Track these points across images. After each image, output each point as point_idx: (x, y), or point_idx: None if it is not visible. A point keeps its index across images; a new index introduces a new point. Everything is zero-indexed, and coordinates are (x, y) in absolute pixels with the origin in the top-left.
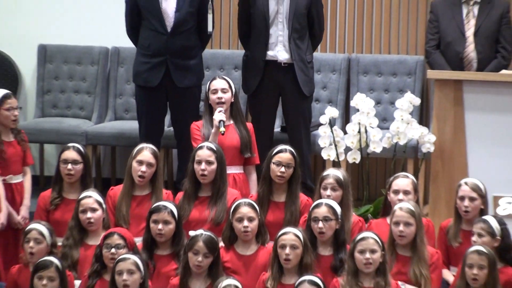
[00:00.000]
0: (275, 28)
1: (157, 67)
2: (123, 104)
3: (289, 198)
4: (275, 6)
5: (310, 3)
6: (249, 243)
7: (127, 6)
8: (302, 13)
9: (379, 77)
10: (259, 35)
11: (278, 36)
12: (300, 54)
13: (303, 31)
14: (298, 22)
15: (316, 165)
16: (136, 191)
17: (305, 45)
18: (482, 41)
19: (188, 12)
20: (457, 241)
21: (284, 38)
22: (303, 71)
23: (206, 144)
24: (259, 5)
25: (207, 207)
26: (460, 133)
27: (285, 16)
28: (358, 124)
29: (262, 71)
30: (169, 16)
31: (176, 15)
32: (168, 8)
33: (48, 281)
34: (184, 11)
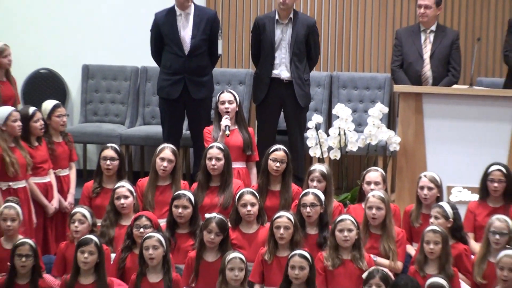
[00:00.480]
0: (280, 52)
1: (177, 83)
2: (150, 112)
3: (283, 188)
4: (280, 34)
5: (308, 34)
6: (251, 224)
7: (152, 34)
8: (301, 41)
9: (355, 91)
10: (267, 57)
11: (282, 58)
12: (299, 73)
13: (302, 55)
14: (298, 48)
15: (305, 161)
16: (159, 182)
17: (303, 66)
18: (436, 62)
19: (201, 39)
20: (418, 222)
21: (286, 60)
22: (300, 87)
23: (215, 144)
24: (267, 33)
25: (217, 194)
26: (420, 136)
27: (288, 43)
28: (339, 128)
29: (268, 86)
30: (186, 42)
31: (192, 41)
32: (186, 36)
33: (89, 255)
34: (198, 38)
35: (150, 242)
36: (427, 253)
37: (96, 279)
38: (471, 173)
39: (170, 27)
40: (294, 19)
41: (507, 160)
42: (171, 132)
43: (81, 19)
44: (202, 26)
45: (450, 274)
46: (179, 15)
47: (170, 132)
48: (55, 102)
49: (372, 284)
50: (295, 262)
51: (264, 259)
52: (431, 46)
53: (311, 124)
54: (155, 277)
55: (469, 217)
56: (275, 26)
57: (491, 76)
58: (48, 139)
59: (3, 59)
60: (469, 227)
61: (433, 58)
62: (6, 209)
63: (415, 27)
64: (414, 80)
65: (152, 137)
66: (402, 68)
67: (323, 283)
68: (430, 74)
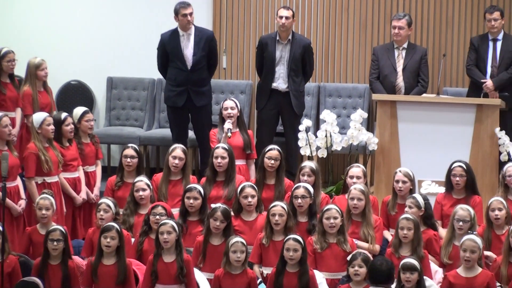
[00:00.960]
0: (279, 67)
1: (181, 93)
2: (165, 117)
3: (277, 182)
4: (280, 52)
5: (304, 53)
6: (251, 213)
7: (159, 52)
8: (298, 58)
9: (339, 99)
10: (268, 71)
11: (281, 73)
12: (295, 86)
13: (298, 71)
14: (295, 65)
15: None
16: (171, 177)
17: (299, 79)
18: (408, 74)
19: (201, 55)
20: (394, 211)
21: (285, 75)
22: (296, 98)
23: (221, 145)
24: (269, 51)
25: (222, 188)
26: (395, 137)
27: (286, 60)
28: (325, 131)
29: (268, 95)
30: (189, 59)
31: (193, 58)
32: (188, 53)
33: (111, 240)
34: (199, 55)
35: (164, 228)
36: (401, 238)
37: (117, 260)
38: (438, 169)
39: (174, 46)
40: (292, 39)
41: (468, 157)
42: (179, 135)
43: (106, 37)
44: (201, 45)
45: (421, 256)
46: (182, 35)
47: (178, 135)
48: (84, 109)
49: (355, 264)
50: (290, 245)
51: (262, 243)
52: (403, 61)
53: (302, 127)
54: (169, 258)
55: (437, 207)
56: (276, 45)
57: (455, 86)
58: (78, 140)
59: (41, 72)
60: (437, 216)
61: (405, 71)
62: (41, 200)
63: (389, 44)
64: (389, 89)
65: (166, 139)
66: (378, 80)
67: (313, 263)
68: (402, 85)
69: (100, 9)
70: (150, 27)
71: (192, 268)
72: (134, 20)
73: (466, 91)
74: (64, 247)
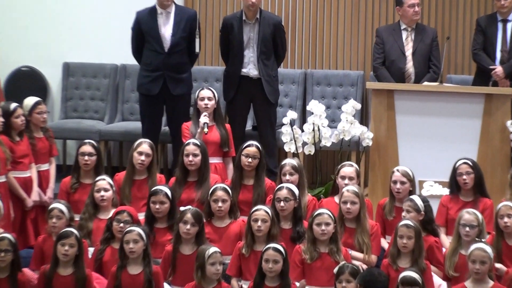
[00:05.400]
0: (248, 51)
1: (157, 80)
2: (128, 108)
3: (256, 182)
4: (248, 33)
5: (274, 32)
6: (223, 218)
7: (133, 32)
8: (268, 39)
9: (329, 88)
10: (236, 56)
11: (250, 57)
12: (267, 70)
13: (269, 53)
14: (265, 46)
15: (280, 156)
16: (136, 176)
17: (271, 63)
18: (418, 59)
19: (181, 36)
20: (391, 215)
21: (255, 59)
22: (269, 83)
23: (192, 140)
24: (235, 33)
25: (194, 189)
26: (392, 131)
27: (255, 42)
28: (313, 124)
29: (237, 83)
30: (166, 40)
31: (172, 39)
32: (166, 33)
33: (69, 247)
34: (178, 36)
35: (130, 236)
36: (400, 247)
37: (75, 270)
38: (442, 168)
39: (151, 25)
40: (261, 18)
41: (476, 155)
42: (150, 128)
43: (62, 18)
44: (182, 25)
45: (422, 268)
46: (160, 14)
47: (149, 128)
48: (36, 99)
49: (343, 280)
50: (269, 256)
51: (241, 252)
52: (413, 44)
53: (286, 120)
54: (135, 270)
55: (442, 211)
56: (243, 26)
57: (461, 73)
58: (29, 134)
59: None
60: (441, 221)
61: (415, 55)
62: None
63: (395, 25)
64: (397, 77)
65: (130, 133)
66: (384, 66)
67: (301, 275)
68: (412, 71)
69: None
70: (114, 4)
71: (161, 281)
72: None
73: (473, 79)
74: (12, 258)
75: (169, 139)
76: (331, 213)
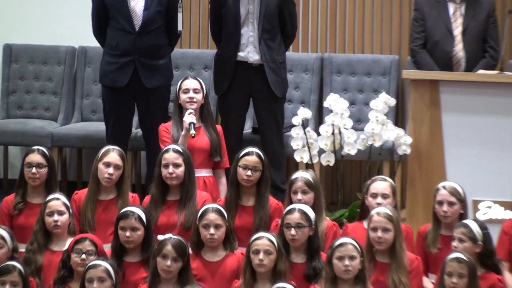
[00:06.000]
0: (246, 29)
1: (125, 67)
2: (90, 105)
3: (258, 202)
4: (246, 6)
5: (281, 3)
6: (216, 250)
7: (94, 4)
8: (273, 13)
9: (353, 77)
10: (230, 36)
11: (249, 37)
12: (272, 54)
13: (274, 32)
14: (269, 23)
15: (289, 167)
16: (101, 195)
17: (277, 45)
18: (470, 40)
19: (157, 10)
20: (436, 247)
21: (255, 39)
22: (274, 72)
23: (172, 146)
24: (230, 5)
25: (176, 211)
26: (437, 135)
27: (256, 17)
28: (332, 125)
29: (232, 71)
30: (137, 15)
31: (144, 14)
32: (137, 7)
33: (11, 286)
34: (152, 10)
35: (95, 273)
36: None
37: None
38: (502, 184)
39: None
40: None
41: None
42: (116, 131)
43: None
44: None
45: None
46: None
47: (115, 131)
48: None
49: None
50: None
51: None
52: (463, 20)
53: (297, 120)
54: None
55: (504, 241)
56: None
57: None
58: None
59: None
60: (504, 254)
61: (466, 34)
62: None
63: None
64: (443, 62)
65: (92, 137)
66: (425, 48)
67: None
68: (463, 55)
69: None
70: None
71: None
72: None
73: None
74: None
75: (142, 145)
76: (357, 244)
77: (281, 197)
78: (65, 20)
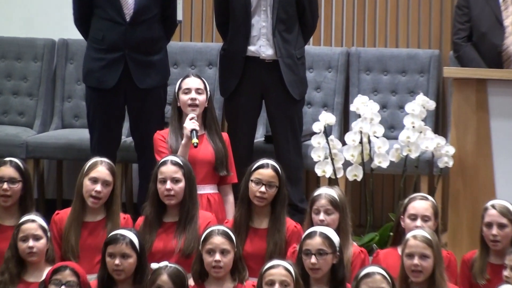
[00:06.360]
0: (258, 19)
1: (114, 65)
2: (72, 108)
3: (273, 224)
4: None
5: None
6: (223, 280)
7: None
8: (289, 0)
9: (385, 76)
10: (239, 27)
11: (261, 28)
12: (288, 48)
13: (291, 21)
14: (285, 11)
15: (309, 183)
16: (87, 216)
17: (294, 37)
18: None
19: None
20: (484, 277)
21: (268, 31)
22: (291, 69)
23: (170, 158)
24: None
25: (174, 235)
26: (485, 144)
27: (270, 4)
28: (360, 132)
29: (242, 69)
30: (128, 2)
31: (136, 2)
32: None
33: None
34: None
35: None
36: None
37: None
38: None
39: None
40: None
41: None
42: (103, 140)
43: None
44: None
45: None
46: None
47: (102, 140)
48: None
49: None
50: None
51: None
52: None
53: (318, 127)
54: None
55: None
56: None
57: None
58: None
59: None
60: None
61: None
62: None
63: None
64: (491, 58)
65: (75, 147)
66: (470, 41)
67: None
68: None
69: None
70: None
71: None
72: None
73: None
74: None
75: (134, 156)
76: (386, 273)
77: (300, 218)
78: (42, 7)
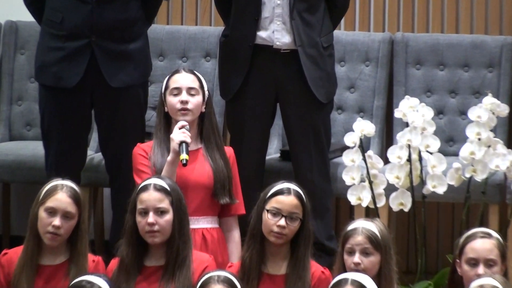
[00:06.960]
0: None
1: (76, 56)
2: (23, 114)
3: (293, 270)
4: None
5: None
6: None
7: None
8: None
9: (441, 71)
10: (246, 6)
11: (275, 7)
12: (311, 35)
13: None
14: None
15: (339, 213)
16: (44, 258)
17: (319, 20)
18: None
19: None
20: None
21: (284, 11)
22: (315, 63)
23: (153, 181)
24: None
25: (160, 284)
26: None
27: None
28: (408, 147)
29: (249, 62)
30: None
31: None
32: None
33: None
34: None
35: None
36: None
37: None
38: None
39: None
40: None
41: None
42: (63, 156)
43: None
44: None
45: None
46: None
47: (61, 156)
48: None
49: None
50: None
51: None
52: None
53: (351, 139)
54: None
55: None
56: None
57: None
58: None
59: None
60: None
61: None
62: None
63: None
64: None
65: (26, 165)
66: None
67: None
68: None
69: None
70: None
71: None
72: None
73: None
74: None
75: (105, 178)
76: None
77: (328, 261)
78: None
